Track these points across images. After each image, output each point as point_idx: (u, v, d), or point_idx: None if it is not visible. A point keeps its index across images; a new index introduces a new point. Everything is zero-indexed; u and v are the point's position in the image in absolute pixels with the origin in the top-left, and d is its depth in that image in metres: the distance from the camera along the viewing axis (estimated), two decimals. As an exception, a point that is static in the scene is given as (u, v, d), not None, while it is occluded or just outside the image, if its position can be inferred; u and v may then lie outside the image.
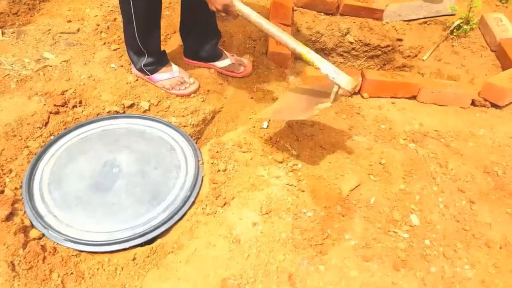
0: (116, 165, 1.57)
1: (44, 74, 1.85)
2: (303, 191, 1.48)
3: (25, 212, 1.41)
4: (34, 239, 1.34)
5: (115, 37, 2.09)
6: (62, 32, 2.07)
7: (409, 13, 2.49)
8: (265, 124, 1.72)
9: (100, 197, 1.47)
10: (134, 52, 1.82)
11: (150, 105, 1.83)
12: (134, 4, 1.59)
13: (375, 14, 2.45)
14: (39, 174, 1.53)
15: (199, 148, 1.70)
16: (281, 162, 1.58)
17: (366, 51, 2.46)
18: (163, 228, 1.41)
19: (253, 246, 1.32)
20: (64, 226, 1.39)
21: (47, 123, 1.69)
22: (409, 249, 1.36)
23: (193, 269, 1.28)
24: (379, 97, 2.00)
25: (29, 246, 1.29)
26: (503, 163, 1.66)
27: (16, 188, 1.48)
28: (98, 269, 1.32)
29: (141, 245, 1.39)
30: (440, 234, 1.42)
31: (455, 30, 2.42)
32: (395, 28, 2.46)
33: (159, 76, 1.85)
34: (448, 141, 1.75)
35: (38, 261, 1.27)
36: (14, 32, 2.03)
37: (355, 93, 2.01)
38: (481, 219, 1.47)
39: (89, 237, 1.37)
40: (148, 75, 1.85)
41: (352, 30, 2.40)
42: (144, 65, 1.82)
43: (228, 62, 1.99)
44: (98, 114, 1.77)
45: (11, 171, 1.52)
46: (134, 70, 1.90)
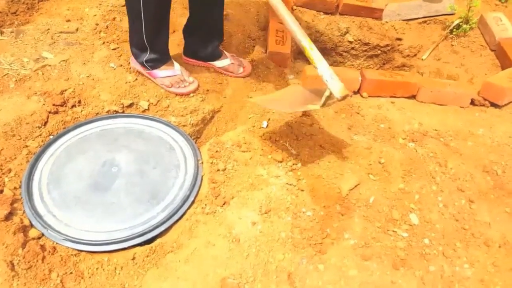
0: (115, 164, 1.57)
1: (43, 74, 1.85)
2: (302, 190, 1.48)
3: (24, 212, 1.41)
4: (34, 238, 1.34)
5: (114, 36, 2.09)
6: (61, 32, 2.07)
7: (409, 12, 2.49)
8: (265, 124, 1.72)
9: (99, 197, 1.47)
10: (138, 48, 1.80)
11: (149, 105, 1.83)
12: (143, 2, 1.57)
13: (374, 13, 2.46)
14: (38, 174, 1.53)
15: (199, 147, 1.70)
16: (281, 162, 1.57)
17: (365, 51, 2.46)
18: (162, 228, 1.41)
19: (253, 245, 1.32)
20: (63, 225, 1.39)
21: (46, 122, 1.69)
22: (408, 248, 1.36)
23: (193, 269, 1.28)
24: (379, 96, 2.00)
25: (29, 245, 1.29)
26: (502, 162, 1.67)
27: (15, 188, 1.48)
28: (97, 268, 1.32)
29: (141, 244, 1.39)
30: (439, 233, 1.42)
31: (454, 30, 2.42)
32: (394, 28, 2.47)
33: (160, 73, 1.84)
34: (447, 141, 1.76)
35: (37, 261, 1.27)
36: (13, 32, 2.02)
37: (354, 93, 2.02)
38: (480, 218, 1.47)
39: (88, 237, 1.37)
40: (148, 70, 1.84)
41: (352, 30, 2.40)
42: (146, 60, 1.80)
43: (227, 62, 1.98)
44: (97, 113, 1.77)
45: (10, 170, 1.52)
46: (134, 63, 1.87)
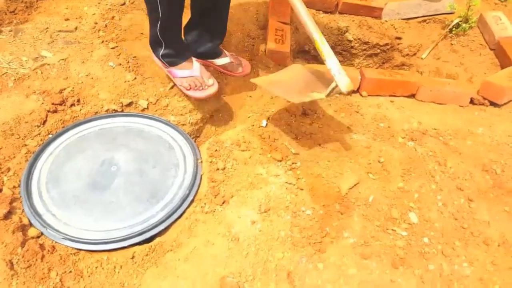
0: (114, 163, 1.57)
1: (42, 73, 1.84)
2: (302, 189, 1.48)
3: (23, 211, 1.41)
4: (33, 237, 1.34)
5: (113, 35, 2.08)
6: (60, 31, 2.06)
7: (408, 11, 2.49)
8: (264, 123, 1.72)
9: (98, 196, 1.47)
10: (153, 42, 1.75)
11: (148, 104, 1.83)
12: None
13: (374, 12, 2.45)
14: (37, 173, 1.53)
15: (198, 146, 1.70)
16: (280, 161, 1.57)
17: (365, 50, 2.45)
18: (161, 227, 1.41)
19: (252, 244, 1.32)
20: (62, 224, 1.39)
21: (45, 121, 1.68)
22: (408, 247, 1.37)
23: (192, 267, 1.28)
24: (378, 95, 2.00)
25: (28, 244, 1.29)
26: (501, 161, 1.67)
27: (14, 187, 1.47)
28: (96, 267, 1.32)
29: (140, 243, 1.39)
30: (439, 232, 1.42)
31: (454, 29, 2.42)
32: (394, 27, 2.46)
33: (178, 72, 1.78)
34: (446, 140, 1.76)
35: (36, 260, 1.27)
36: (11, 31, 2.02)
37: (354, 92, 2.01)
38: (479, 217, 1.47)
39: (88, 236, 1.37)
40: (167, 67, 1.79)
41: (351, 29, 2.40)
42: (162, 55, 1.75)
43: (227, 60, 1.98)
44: (96, 112, 1.77)
45: (9, 169, 1.52)
46: (155, 60, 1.82)
